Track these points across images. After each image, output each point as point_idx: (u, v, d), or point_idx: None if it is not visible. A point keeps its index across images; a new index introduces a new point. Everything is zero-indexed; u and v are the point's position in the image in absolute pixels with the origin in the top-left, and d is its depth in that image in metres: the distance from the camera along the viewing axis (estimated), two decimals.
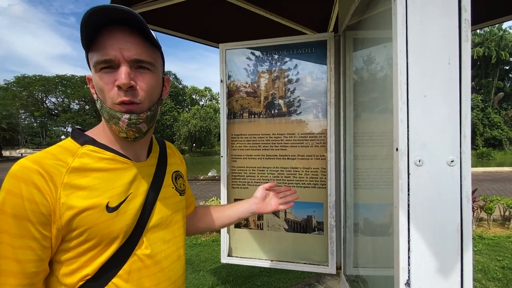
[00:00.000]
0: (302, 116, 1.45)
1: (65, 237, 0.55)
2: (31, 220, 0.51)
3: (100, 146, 0.61)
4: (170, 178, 0.73)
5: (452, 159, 0.61)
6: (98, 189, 0.57)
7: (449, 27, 0.62)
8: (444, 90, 0.62)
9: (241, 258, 1.53)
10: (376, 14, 1.00)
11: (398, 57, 0.63)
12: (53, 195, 0.52)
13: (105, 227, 0.56)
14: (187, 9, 1.65)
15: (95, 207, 0.56)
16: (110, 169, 0.60)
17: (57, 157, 0.56)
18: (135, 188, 0.63)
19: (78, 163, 0.57)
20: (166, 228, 0.68)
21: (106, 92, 0.57)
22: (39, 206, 0.51)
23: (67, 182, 0.54)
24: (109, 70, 0.56)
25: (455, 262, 0.61)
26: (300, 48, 1.43)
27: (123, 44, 0.55)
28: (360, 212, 1.23)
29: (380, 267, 1.02)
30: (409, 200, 0.62)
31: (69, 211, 0.53)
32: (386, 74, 0.95)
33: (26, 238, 0.51)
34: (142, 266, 0.62)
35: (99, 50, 0.55)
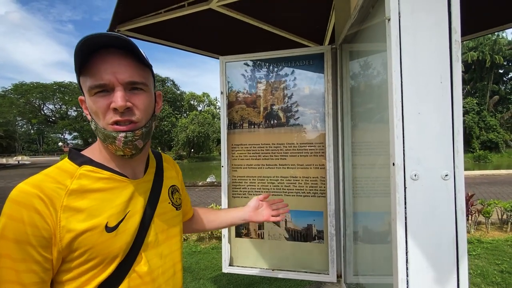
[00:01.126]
0: (300, 126, 1.48)
1: (65, 258, 0.56)
2: (33, 244, 0.51)
3: (97, 166, 0.61)
4: (167, 193, 0.74)
5: (446, 173, 0.64)
6: (96, 209, 0.58)
7: (441, 48, 0.65)
8: (437, 108, 0.65)
9: (242, 268, 1.54)
10: (371, 27, 1.04)
11: (393, 77, 0.66)
12: (54, 219, 0.53)
13: (105, 247, 0.58)
14: (187, 22, 1.69)
15: (95, 228, 0.57)
16: (108, 188, 0.61)
17: (56, 180, 0.56)
18: (132, 206, 0.64)
19: (77, 185, 0.57)
20: (163, 243, 0.69)
21: (101, 114, 0.58)
22: (40, 230, 0.52)
23: (66, 204, 0.55)
24: (104, 94, 0.57)
25: (451, 272, 0.64)
26: (298, 61, 1.46)
27: (117, 68, 0.57)
28: (360, 220, 1.25)
29: (380, 275, 1.04)
30: (406, 213, 0.65)
31: (69, 234, 0.54)
32: (381, 85, 0.98)
33: (28, 262, 0.51)
34: (140, 283, 0.62)
35: (93, 74, 0.56)
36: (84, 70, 0.57)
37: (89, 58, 0.56)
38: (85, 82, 0.58)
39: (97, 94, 0.57)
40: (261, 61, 1.53)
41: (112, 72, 0.56)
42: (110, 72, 0.56)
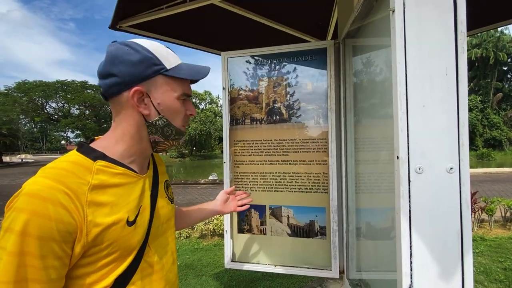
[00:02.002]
0: (303, 122, 1.48)
1: (86, 253, 0.56)
2: (57, 239, 0.51)
3: (111, 161, 0.62)
4: (163, 188, 0.78)
5: (451, 166, 0.63)
6: (117, 204, 0.59)
7: (446, 39, 0.64)
8: (442, 100, 0.64)
9: (244, 263, 1.54)
10: (375, 22, 1.02)
11: (397, 69, 0.65)
12: (80, 214, 0.53)
13: (126, 241, 0.60)
14: (189, 18, 1.68)
15: (118, 222, 0.58)
16: (123, 183, 0.63)
17: (77, 175, 0.56)
18: (144, 201, 0.67)
19: (98, 181, 0.58)
20: (163, 235, 0.74)
21: (180, 115, 0.69)
22: (66, 225, 0.52)
23: (91, 200, 0.56)
24: (186, 100, 0.71)
25: (456, 266, 0.63)
26: (300, 56, 1.45)
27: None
28: (362, 216, 1.25)
29: (383, 271, 1.03)
30: (410, 206, 0.64)
31: (96, 228, 0.55)
32: (385, 80, 0.97)
33: (50, 258, 0.51)
34: (151, 272, 0.66)
35: (184, 84, 0.69)
36: (181, 79, 0.67)
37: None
38: (177, 87, 0.67)
39: (184, 99, 0.69)
40: (263, 57, 1.52)
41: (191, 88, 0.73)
42: (190, 87, 0.73)
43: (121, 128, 0.65)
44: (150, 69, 0.63)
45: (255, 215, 1.54)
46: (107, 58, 0.62)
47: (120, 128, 0.65)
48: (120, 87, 0.62)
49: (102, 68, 0.62)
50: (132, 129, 0.65)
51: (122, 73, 0.61)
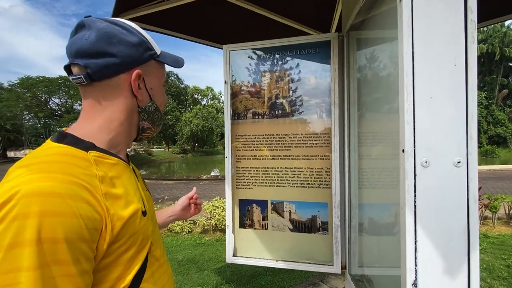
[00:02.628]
0: (305, 116, 1.46)
1: (106, 252, 0.49)
2: (87, 239, 0.44)
3: (102, 151, 0.56)
4: (142, 181, 0.73)
5: (459, 160, 0.61)
6: (128, 195, 0.55)
7: (455, 28, 0.62)
8: (450, 92, 0.62)
9: (246, 258, 1.54)
10: (381, 14, 1.00)
11: (404, 59, 0.63)
12: (103, 208, 0.48)
13: (144, 232, 0.57)
14: (191, 11, 1.66)
15: (136, 212, 0.55)
16: (121, 174, 0.58)
17: (82, 167, 0.50)
18: (140, 191, 0.63)
19: (102, 172, 0.52)
20: (156, 227, 0.70)
21: (164, 101, 0.69)
22: (93, 221, 0.46)
23: (106, 192, 0.50)
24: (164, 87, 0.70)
25: (462, 262, 0.62)
26: (303, 49, 1.43)
27: None
28: (365, 212, 1.23)
29: (386, 267, 1.02)
30: (415, 201, 0.62)
31: (120, 221, 0.50)
32: (390, 73, 0.95)
33: (81, 262, 0.44)
34: (158, 266, 0.63)
35: (164, 71, 0.68)
36: (164, 66, 0.66)
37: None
38: (162, 73, 0.66)
39: (164, 86, 0.69)
40: (266, 50, 1.50)
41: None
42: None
43: (108, 114, 0.57)
44: (146, 53, 0.60)
45: (256, 210, 1.53)
46: (100, 35, 0.54)
47: (106, 114, 0.57)
48: (119, 69, 0.56)
49: (92, 46, 0.53)
50: (122, 115, 0.59)
51: (122, 54, 0.55)
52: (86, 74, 0.54)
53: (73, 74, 0.56)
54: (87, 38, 0.54)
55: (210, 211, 4.30)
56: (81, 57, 0.54)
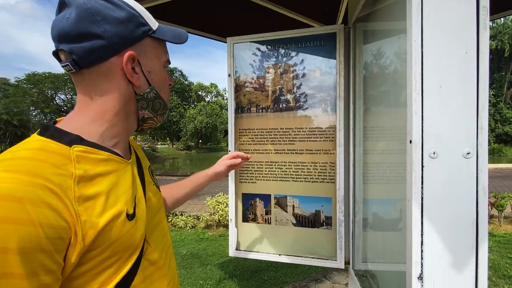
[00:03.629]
0: (310, 110, 1.44)
1: (80, 260, 0.44)
2: (46, 249, 0.39)
3: (90, 145, 0.49)
4: (149, 175, 0.67)
5: (468, 151, 0.59)
6: (111, 196, 0.48)
7: (467, 15, 0.60)
8: (460, 81, 0.60)
9: (249, 252, 1.54)
10: (388, 5, 0.97)
11: (413, 47, 0.61)
12: (72, 214, 0.42)
13: (128, 238, 0.50)
14: (194, 3, 1.64)
15: (118, 217, 0.48)
16: (112, 171, 0.51)
17: (55, 165, 0.43)
18: (136, 190, 0.56)
19: (81, 170, 0.46)
20: (158, 226, 0.64)
21: (166, 85, 0.61)
22: (57, 230, 0.40)
23: (80, 195, 0.44)
24: (166, 68, 0.62)
25: (470, 256, 0.60)
26: (308, 41, 1.40)
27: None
28: (370, 206, 1.22)
29: (390, 262, 1.01)
30: (422, 193, 0.61)
31: (93, 229, 0.44)
32: (398, 66, 0.93)
33: (39, 275, 0.38)
34: (153, 270, 0.58)
35: (165, 50, 0.60)
36: (163, 43, 0.59)
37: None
38: (161, 52, 0.59)
39: (166, 67, 0.61)
40: (270, 43, 1.48)
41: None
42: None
43: (101, 104, 0.51)
44: (138, 29, 0.52)
45: (260, 205, 1.53)
46: (80, 13, 0.46)
47: (100, 103, 0.51)
48: (107, 52, 0.49)
49: (73, 27, 0.46)
50: (117, 104, 0.53)
51: (108, 34, 0.48)
52: (72, 61, 0.48)
53: (61, 61, 0.50)
54: (67, 18, 0.46)
55: (213, 206, 4.31)
56: (64, 41, 0.47)
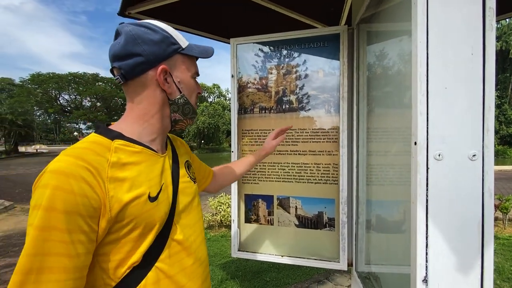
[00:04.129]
0: (313, 111, 1.44)
1: (111, 229, 0.57)
2: (82, 214, 0.52)
3: (128, 140, 0.63)
4: (184, 168, 0.78)
5: (474, 153, 0.59)
6: (137, 180, 0.60)
7: (473, 15, 0.59)
8: (466, 82, 0.59)
9: (251, 253, 1.54)
10: (393, 6, 0.97)
11: (418, 48, 0.61)
12: (102, 189, 0.54)
13: (148, 216, 0.60)
14: (197, 4, 1.65)
15: (140, 197, 0.59)
16: (142, 161, 0.63)
17: (97, 153, 0.57)
18: (165, 179, 0.67)
19: (116, 158, 0.59)
20: (189, 214, 0.74)
21: (195, 93, 0.73)
22: (90, 200, 0.53)
23: (111, 176, 0.57)
24: (195, 79, 0.73)
25: (476, 259, 0.60)
26: (312, 42, 1.40)
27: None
28: (373, 208, 1.21)
29: (394, 264, 1.00)
30: (427, 195, 0.60)
31: (118, 203, 0.56)
32: (402, 67, 0.92)
33: (77, 232, 0.51)
34: (180, 249, 0.68)
35: (194, 63, 0.72)
36: (192, 57, 0.71)
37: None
38: (190, 65, 0.70)
39: (195, 78, 0.73)
40: (273, 44, 1.48)
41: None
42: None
43: (142, 108, 0.66)
44: (169, 47, 0.65)
45: (262, 205, 1.53)
46: (127, 38, 0.62)
47: (140, 108, 0.66)
48: (145, 66, 0.63)
49: (122, 49, 0.61)
50: (153, 108, 0.66)
51: (146, 52, 0.62)
52: (120, 75, 0.63)
53: (115, 76, 0.65)
54: (119, 43, 0.62)
55: (215, 207, 4.31)
56: (116, 61, 0.63)
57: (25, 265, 0.48)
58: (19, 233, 4.33)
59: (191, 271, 0.70)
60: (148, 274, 0.62)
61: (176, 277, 0.66)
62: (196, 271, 0.71)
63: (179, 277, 0.67)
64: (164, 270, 0.64)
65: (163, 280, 0.64)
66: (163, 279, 0.64)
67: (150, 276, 0.62)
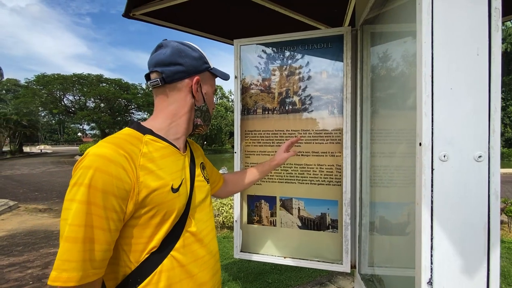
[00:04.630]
0: (317, 112, 1.43)
1: (135, 213, 0.64)
2: (116, 195, 0.59)
3: (157, 136, 0.73)
4: (199, 168, 0.86)
5: (480, 154, 0.58)
6: (163, 172, 0.69)
7: (478, 16, 0.59)
8: (472, 83, 0.59)
9: (253, 254, 1.53)
10: (397, 7, 0.97)
11: (423, 48, 0.60)
12: (134, 175, 0.63)
13: (170, 205, 0.68)
14: (201, 6, 1.66)
15: (164, 186, 0.67)
16: (168, 155, 0.72)
17: (132, 143, 0.66)
18: (185, 174, 0.76)
19: (146, 149, 0.68)
20: (203, 210, 0.81)
21: (212, 105, 0.85)
22: (124, 183, 0.61)
23: (142, 164, 0.65)
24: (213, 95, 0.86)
25: (481, 261, 0.59)
26: (315, 43, 1.40)
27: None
28: (377, 210, 1.20)
29: (398, 267, 0.99)
30: (432, 196, 0.60)
31: (145, 189, 0.64)
32: (406, 68, 0.92)
33: (111, 210, 0.59)
34: (193, 241, 0.74)
35: (215, 83, 0.86)
36: (215, 76, 0.84)
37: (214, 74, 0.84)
38: (213, 83, 0.84)
39: (214, 94, 0.86)
40: (277, 45, 1.48)
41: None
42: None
43: (172, 109, 0.75)
44: (204, 65, 0.78)
45: (265, 206, 1.52)
46: (173, 51, 0.74)
47: (171, 108, 0.75)
48: (184, 75, 0.74)
49: (167, 58, 0.73)
50: (182, 110, 0.76)
51: (187, 64, 0.74)
52: (161, 78, 0.74)
53: (150, 79, 0.76)
54: (164, 53, 0.74)
55: (218, 208, 4.31)
56: (159, 66, 0.74)
57: (73, 233, 0.55)
58: (23, 233, 4.36)
59: (203, 262, 0.76)
60: (164, 261, 0.68)
61: (188, 267, 0.72)
62: (208, 263, 0.77)
63: (191, 266, 0.72)
64: (178, 259, 0.70)
65: (177, 268, 0.70)
66: (177, 268, 0.70)
67: (166, 263, 0.68)
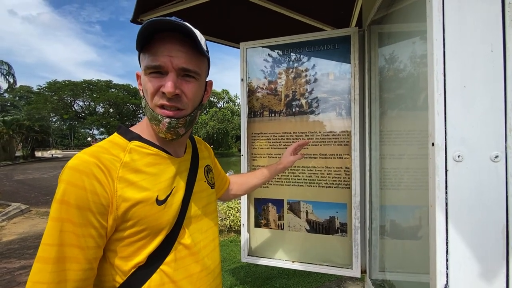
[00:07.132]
0: (324, 114, 1.42)
1: (118, 227, 0.58)
2: (92, 210, 0.54)
3: (145, 142, 0.64)
4: (203, 172, 0.78)
5: (497, 154, 0.56)
6: (148, 183, 0.61)
7: (491, 11, 0.57)
8: (486, 80, 0.57)
9: (261, 258, 1.51)
10: (405, 6, 0.95)
11: (434, 46, 0.59)
12: (111, 188, 0.56)
13: (155, 219, 0.60)
14: (208, 10, 1.67)
15: (147, 200, 0.60)
16: (156, 163, 0.64)
17: (111, 152, 0.59)
18: (177, 182, 0.67)
19: (129, 158, 0.60)
20: (202, 219, 0.73)
21: (150, 95, 0.61)
22: (99, 197, 0.55)
23: (122, 176, 0.58)
24: (157, 75, 0.60)
25: (500, 266, 0.56)
26: (322, 45, 1.39)
27: (173, 52, 0.59)
28: (387, 213, 1.18)
29: (410, 272, 0.96)
30: (447, 198, 0.58)
31: (125, 203, 0.57)
32: (416, 68, 0.90)
33: (87, 226, 0.54)
34: (186, 254, 0.66)
35: (150, 54, 0.59)
36: (145, 49, 0.59)
37: (150, 39, 0.58)
38: (144, 60, 0.60)
39: (151, 74, 0.60)
40: (283, 47, 1.48)
41: (169, 55, 0.58)
42: (167, 55, 0.58)
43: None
44: (137, 47, 0.60)
45: (272, 210, 1.51)
46: None
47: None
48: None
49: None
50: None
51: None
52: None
53: None
54: None
55: (224, 211, 4.31)
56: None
57: (45, 253, 0.51)
58: (34, 236, 4.44)
59: (197, 278, 0.67)
60: (153, 276, 0.61)
61: (180, 283, 0.64)
62: (203, 280, 0.69)
63: (184, 283, 0.65)
64: (169, 274, 0.63)
65: (168, 284, 0.62)
66: (168, 283, 0.63)
67: (154, 278, 0.61)
